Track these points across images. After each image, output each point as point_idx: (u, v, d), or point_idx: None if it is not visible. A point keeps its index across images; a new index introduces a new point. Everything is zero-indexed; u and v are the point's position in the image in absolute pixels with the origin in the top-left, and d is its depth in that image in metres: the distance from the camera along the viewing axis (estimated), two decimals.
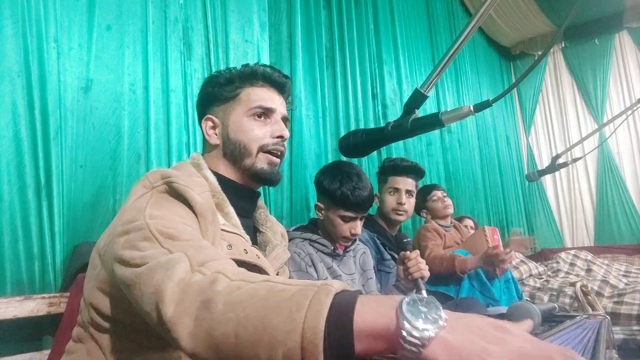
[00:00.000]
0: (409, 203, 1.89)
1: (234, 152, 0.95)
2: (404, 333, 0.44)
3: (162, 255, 0.63)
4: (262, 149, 0.95)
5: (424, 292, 1.35)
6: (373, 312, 0.47)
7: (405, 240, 1.44)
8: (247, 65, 0.99)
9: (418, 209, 2.44)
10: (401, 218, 1.90)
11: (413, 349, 0.43)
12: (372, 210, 1.97)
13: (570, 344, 0.81)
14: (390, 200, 1.89)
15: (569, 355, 0.42)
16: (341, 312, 0.47)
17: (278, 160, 0.98)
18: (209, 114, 0.99)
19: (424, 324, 0.44)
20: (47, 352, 1.17)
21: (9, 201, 1.20)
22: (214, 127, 0.99)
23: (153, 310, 0.58)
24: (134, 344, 0.77)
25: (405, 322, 0.44)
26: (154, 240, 0.67)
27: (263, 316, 0.50)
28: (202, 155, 0.99)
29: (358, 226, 1.42)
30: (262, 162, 0.95)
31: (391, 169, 1.91)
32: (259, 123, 0.96)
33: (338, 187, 1.39)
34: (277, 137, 0.96)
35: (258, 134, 0.95)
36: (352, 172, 1.43)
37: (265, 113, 0.97)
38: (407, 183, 1.89)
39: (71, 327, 0.88)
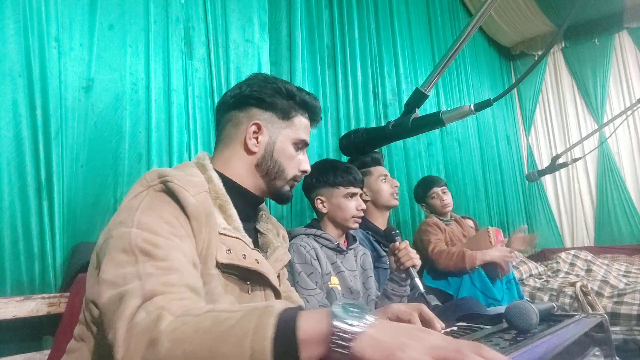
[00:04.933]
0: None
1: (269, 169, 0.97)
2: (336, 330, 0.50)
3: (130, 280, 0.65)
4: (293, 178, 1.01)
5: (416, 280, 1.39)
6: (312, 322, 0.52)
7: (393, 232, 1.49)
8: (306, 93, 1.02)
9: (418, 200, 2.45)
10: (397, 201, 1.98)
11: (343, 343, 0.49)
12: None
13: (566, 342, 0.81)
14: (387, 187, 1.94)
15: (478, 349, 0.48)
16: (285, 330, 0.52)
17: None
18: (257, 119, 0.97)
19: (352, 321, 0.50)
20: (47, 352, 1.17)
21: (9, 201, 1.20)
22: (257, 134, 0.97)
23: (111, 347, 0.60)
24: None
25: (337, 322, 0.50)
26: (131, 255, 0.68)
27: (210, 347, 0.53)
28: (214, 153, 0.99)
29: (362, 202, 1.56)
30: (287, 186, 1.01)
31: (374, 160, 1.96)
32: (297, 153, 1.01)
33: (334, 171, 1.53)
34: (302, 171, 1.02)
35: (296, 164, 1.01)
36: (334, 160, 1.64)
37: (302, 147, 1.02)
38: (385, 169, 1.99)
39: (71, 326, 0.88)
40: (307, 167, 1.03)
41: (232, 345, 0.52)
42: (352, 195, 1.53)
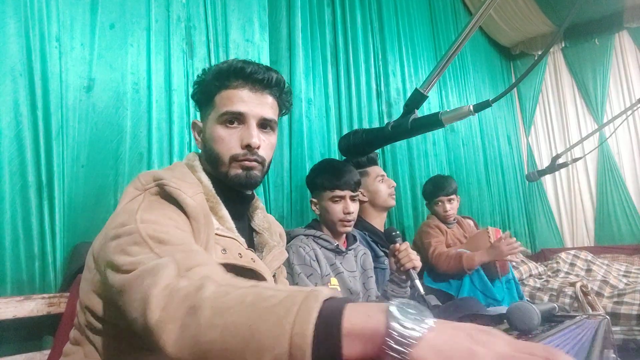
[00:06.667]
0: None
1: (209, 159, 0.94)
2: (393, 333, 0.44)
3: (151, 261, 0.63)
4: (234, 159, 0.90)
5: (417, 281, 1.39)
6: (362, 316, 0.47)
7: (394, 233, 1.48)
8: (226, 61, 0.93)
9: (424, 198, 2.43)
10: (394, 201, 1.95)
11: (401, 348, 0.44)
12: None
13: (568, 344, 0.82)
14: (384, 187, 1.92)
15: (552, 354, 0.42)
16: (329, 317, 0.47)
17: (254, 164, 0.92)
18: (197, 118, 1.00)
19: (411, 324, 0.44)
20: (47, 352, 1.16)
21: (10, 201, 1.20)
22: (199, 132, 0.99)
23: (140, 317, 0.57)
24: (129, 346, 0.77)
25: (393, 323, 0.44)
26: (144, 245, 0.66)
27: (251, 322, 0.50)
28: (199, 155, 0.99)
29: (350, 205, 1.49)
30: (235, 169, 0.91)
31: (370, 160, 1.93)
32: (230, 130, 0.90)
33: (322, 174, 1.52)
34: (245, 145, 0.90)
35: (229, 143, 0.90)
36: (334, 161, 1.64)
37: (237, 118, 0.90)
38: (381, 169, 1.96)
39: (71, 327, 0.88)
40: (251, 140, 0.89)
41: (272, 324, 0.48)
42: (339, 198, 1.49)
